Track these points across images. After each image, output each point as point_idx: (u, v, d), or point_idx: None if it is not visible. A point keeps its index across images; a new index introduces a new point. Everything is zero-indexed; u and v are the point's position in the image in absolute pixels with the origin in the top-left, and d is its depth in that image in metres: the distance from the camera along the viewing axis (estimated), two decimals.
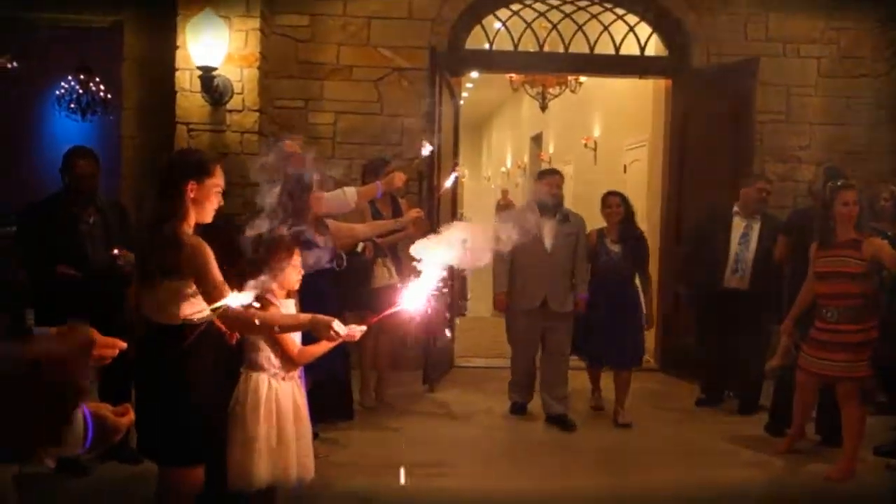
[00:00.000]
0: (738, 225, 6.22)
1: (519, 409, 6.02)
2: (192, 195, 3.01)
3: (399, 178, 5.39)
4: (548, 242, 5.61)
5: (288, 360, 3.40)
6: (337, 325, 2.94)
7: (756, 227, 6.18)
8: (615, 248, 5.87)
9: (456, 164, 6.96)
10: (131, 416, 1.91)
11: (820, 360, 4.85)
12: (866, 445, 5.14)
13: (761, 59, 6.98)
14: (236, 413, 3.34)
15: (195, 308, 3.00)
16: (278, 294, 3.39)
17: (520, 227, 5.43)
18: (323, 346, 3.39)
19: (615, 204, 5.91)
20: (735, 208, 6.24)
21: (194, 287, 2.96)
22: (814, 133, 7.47)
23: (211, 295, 2.91)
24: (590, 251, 5.89)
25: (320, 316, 3.00)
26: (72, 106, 7.37)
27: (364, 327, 3.03)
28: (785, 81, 7.40)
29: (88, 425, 1.78)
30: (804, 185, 7.27)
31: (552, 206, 5.70)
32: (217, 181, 3.08)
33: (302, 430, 3.45)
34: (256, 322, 2.99)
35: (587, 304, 5.79)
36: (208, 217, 3.10)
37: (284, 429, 3.35)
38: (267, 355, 3.36)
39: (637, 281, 6.06)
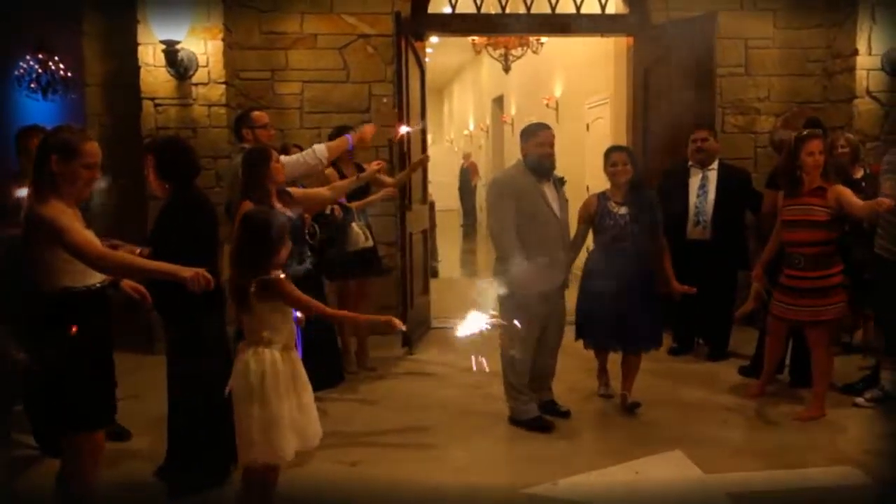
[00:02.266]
0: (694, 177, 6.40)
1: (543, 424, 4.98)
2: (56, 169, 3.09)
3: (369, 130, 5.43)
4: (556, 209, 4.89)
5: (327, 317, 3.64)
6: (202, 272, 3.05)
7: (712, 177, 6.37)
8: (622, 210, 5.06)
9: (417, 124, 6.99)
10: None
11: (788, 305, 5.02)
12: (834, 385, 5.37)
13: (720, 13, 7.08)
14: (251, 389, 3.30)
15: (78, 276, 3.13)
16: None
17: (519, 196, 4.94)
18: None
19: (622, 161, 5.07)
20: (689, 161, 6.42)
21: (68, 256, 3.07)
22: (772, 84, 7.63)
23: (81, 255, 3.03)
24: (590, 217, 5.15)
25: (187, 268, 3.07)
26: (32, 86, 7.26)
27: None
28: (743, 34, 7.53)
29: None
30: (763, 136, 7.45)
31: (548, 168, 4.89)
32: (86, 159, 3.16)
33: (309, 396, 3.52)
34: (128, 263, 3.18)
35: (589, 278, 5.15)
36: (84, 192, 3.22)
37: (301, 396, 3.42)
38: (275, 329, 3.35)
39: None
